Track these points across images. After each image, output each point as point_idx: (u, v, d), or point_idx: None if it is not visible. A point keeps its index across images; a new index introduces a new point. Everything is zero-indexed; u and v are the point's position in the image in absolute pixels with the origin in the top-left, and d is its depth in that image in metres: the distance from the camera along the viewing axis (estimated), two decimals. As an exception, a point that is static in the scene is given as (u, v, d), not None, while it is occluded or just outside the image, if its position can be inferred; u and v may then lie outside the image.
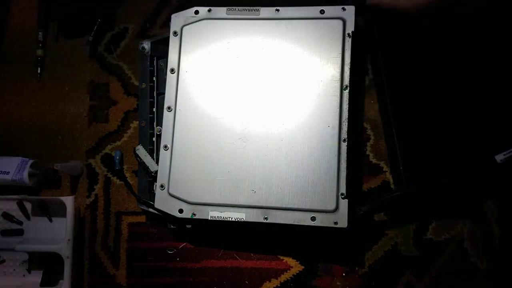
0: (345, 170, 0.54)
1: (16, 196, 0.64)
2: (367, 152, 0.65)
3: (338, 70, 0.55)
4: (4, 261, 0.65)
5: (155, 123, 0.61)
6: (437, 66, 0.60)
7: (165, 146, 0.57)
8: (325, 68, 0.56)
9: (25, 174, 0.63)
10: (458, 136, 0.59)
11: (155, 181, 0.57)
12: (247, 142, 0.56)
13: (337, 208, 0.53)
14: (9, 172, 0.63)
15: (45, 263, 0.64)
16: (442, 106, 0.60)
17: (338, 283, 0.63)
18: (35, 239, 0.65)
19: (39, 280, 0.63)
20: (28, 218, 0.66)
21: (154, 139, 0.60)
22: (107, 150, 0.67)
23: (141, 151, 0.60)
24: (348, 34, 0.56)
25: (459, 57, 0.61)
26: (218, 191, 0.55)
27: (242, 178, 0.55)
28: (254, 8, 0.59)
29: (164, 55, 0.61)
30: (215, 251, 0.64)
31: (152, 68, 0.61)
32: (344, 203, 0.53)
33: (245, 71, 0.58)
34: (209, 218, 0.54)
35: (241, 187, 0.54)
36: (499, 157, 0.56)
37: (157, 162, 0.58)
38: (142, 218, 0.66)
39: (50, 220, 0.66)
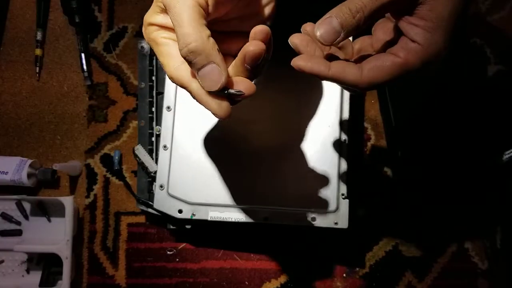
0: (346, 170, 0.53)
1: (14, 196, 0.64)
2: (367, 152, 0.65)
3: (339, 69, 0.55)
4: (2, 261, 0.65)
5: (154, 123, 0.61)
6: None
7: (165, 146, 0.56)
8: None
9: (24, 174, 0.62)
10: (459, 135, 0.59)
11: (155, 181, 0.57)
12: (247, 142, 0.55)
13: (337, 208, 0.52)
14: (7, 172, 0.63)
15: (44, 263, 0.64)
16: (443, 105, 0.60)
17: (338, 284, 0.62)
18: (34, 240, 0.64)
19: (38, 280, 0.63)
20: (26, 218, 0.66)
21: (153, 139, 0.60)
22: (106, 150, 0.67)
23: (140, 151, 0.59)
24: (349, 33, 0.56)
25: (459, 57, 0.61)
26: (218, 191, 0.54)
27: (242, 178, 0.54)
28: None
29: (164, 55, 0.61)
30: (214, 252, 0.64)
31: (151, 68, 0.61)
32: (344, 204, 0.52)
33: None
34: (209, 219, 0.54)
35: (241, 187, 0.54)
36: (501, 157, 0.56)
37: (156, 162, 0.58)
38: (141, 219, 0.66)
39: (49, 220, 0.65)
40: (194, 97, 0.33)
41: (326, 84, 0.55)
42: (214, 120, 0.56)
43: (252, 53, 0.32)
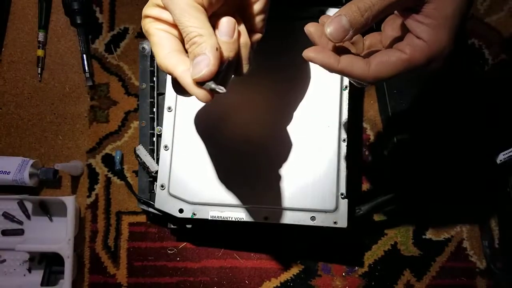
0: (345, 170, 0.54)
1: (16, 196, 0.64)
2: (367, 152, 0.65)
3: (338, 70, 0.55)
4: (4, 260, 0.65)
5: (155, 123, 0.61)
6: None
7: (166, 146, 0.57)
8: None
9: (26, 174, 0.63)
10: (458, 136, 0.59)
11: (156, 181, 0.57)
12: (247, 142, 0.56)
13: (336, 208, 0.53)
14: (9, 172, 0.63)
15: (45, 262, 0.65)
16: (442, 106, 0.60)
17: (338, 283, 0.63)
18: (36, 239, 0.65)
19: (40, 279, 0.63)
20: (28, 218, 0.66)
21: (154, 139, 0.61)
22: (107, 150, 0.68)
23: (142, 151, 0.60)
24: (348, 35, 0.56)
25: (459, 58, 0.61)
26: (218, 191, 0.55)
27: (242, 178, 0.55)
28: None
29: (165, 56, 0.61)
30: (215, 251, 0.64)
31: (152, 69, 0.61)
32: (344, 203, 0.53)
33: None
34: (209, 218, 0.54)
35: (241, 187, 0.55)
36: (498, 157, 0.56)
37: (157, 162, 0.58)
38: (142, 218, 0.66)
39: (51, 220, 0.66)
40: (180, 82, 0.35)
41: (326, 85, 0.56)
42: (215, 120, 0.57)
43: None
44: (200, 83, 0.34)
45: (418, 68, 0.34)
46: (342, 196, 0.53)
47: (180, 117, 0.57)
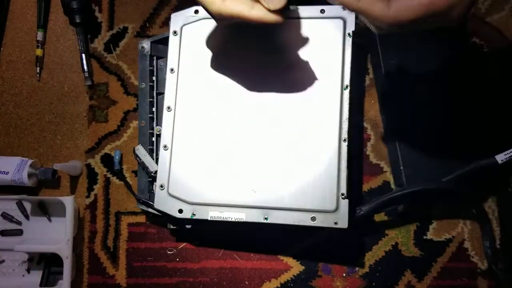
0: (345, 170, 0.53)
1: (15, 196, 0.64)
2: (367, 152, 0.65)
3: (338, 70, 0.55)
4: (3, 261, 0.65)
5: (154, 123, 0.61)
6: (437, 66, 0.60)
7: (165, 146, 0.56)
8: (325, 68, 0.56)
9: (25, 174, 0.63)
10: (458, 135, 0.59)
11: (155, 181, 0.57)
12: (247, 142, 0.55)
13: (337, 208, 0.52)
14: (8, 172, 0.63)
15: (44, 263, 0.64)
16: (443, 105, 0.60)
17: (338, 284, 0.63)
18: (35, 239, 0.64)
19: (39, 280, 0.63)
20: (27, 218, 0.66)
21: (153, 139, 0.60)
22: (106, 150, 0.67)
23: (141, 151, 0.59)
24: (349, 34, 0.56)
25: (458, 57, 0.61)
26: (218, 191, 0.55)
27: (242, 178, 0.55)
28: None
29: (164, 55, 0.61)
30: (215, 251, 0.64)
31: (151, 68, 0.61)
32: (344, 203, 0.52)
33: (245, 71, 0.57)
34: (209, 218, 0.54)
35: (241, 187, 0.54)
36: (500, 157, 0.56)
37: (156, 162, 0.58)
38: (141, 218, 0.66)
39: (50, 220, 0.66)
40: (250, 19, 0.39)
41: (326, 84, 0.55)
42: (214, 120, 0.56)
43: None
44: (278, 11, 0.38)
45: (438, 14, 0.34)
46: (343, 196, 0.53)
47: (179, 117, 0.57)
